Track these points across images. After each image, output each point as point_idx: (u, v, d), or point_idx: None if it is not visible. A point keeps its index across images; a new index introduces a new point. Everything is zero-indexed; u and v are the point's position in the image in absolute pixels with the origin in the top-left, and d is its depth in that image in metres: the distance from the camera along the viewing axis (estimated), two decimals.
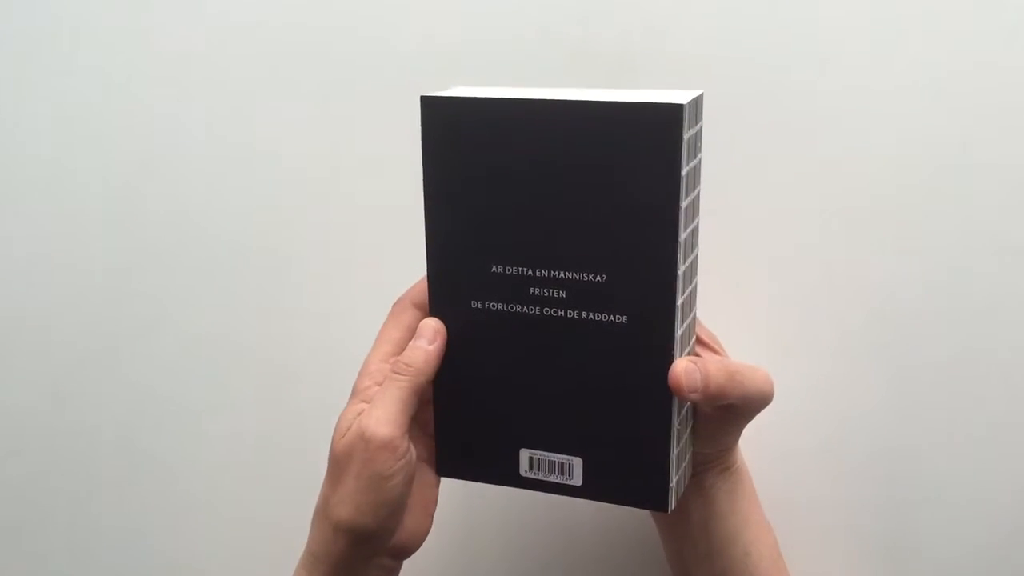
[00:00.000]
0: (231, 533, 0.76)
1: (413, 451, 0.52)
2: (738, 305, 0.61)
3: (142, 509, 0.77)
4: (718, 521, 0.56)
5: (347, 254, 0.68)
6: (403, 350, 0.53)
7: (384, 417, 0.50)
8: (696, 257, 0.50)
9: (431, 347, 0.52)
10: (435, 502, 0.55)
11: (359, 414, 0.51)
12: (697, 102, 0.47)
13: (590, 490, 0.52)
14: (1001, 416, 0.61)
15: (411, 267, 0.54)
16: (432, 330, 0.52)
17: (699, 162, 0.49)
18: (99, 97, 0.70)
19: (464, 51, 0.63)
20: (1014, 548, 0.62)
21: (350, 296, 0.68)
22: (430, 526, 0.54)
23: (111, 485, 0.77)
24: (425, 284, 0.53)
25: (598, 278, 0.48)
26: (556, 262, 0.49)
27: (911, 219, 0.59)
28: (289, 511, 0.60)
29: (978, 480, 0.62)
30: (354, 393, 0.53)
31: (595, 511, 0.56)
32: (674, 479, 0.51)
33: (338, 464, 0.51)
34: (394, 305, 0.55)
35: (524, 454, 0.52)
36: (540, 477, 0.52)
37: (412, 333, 0.53)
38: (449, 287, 0.51)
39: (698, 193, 0.49)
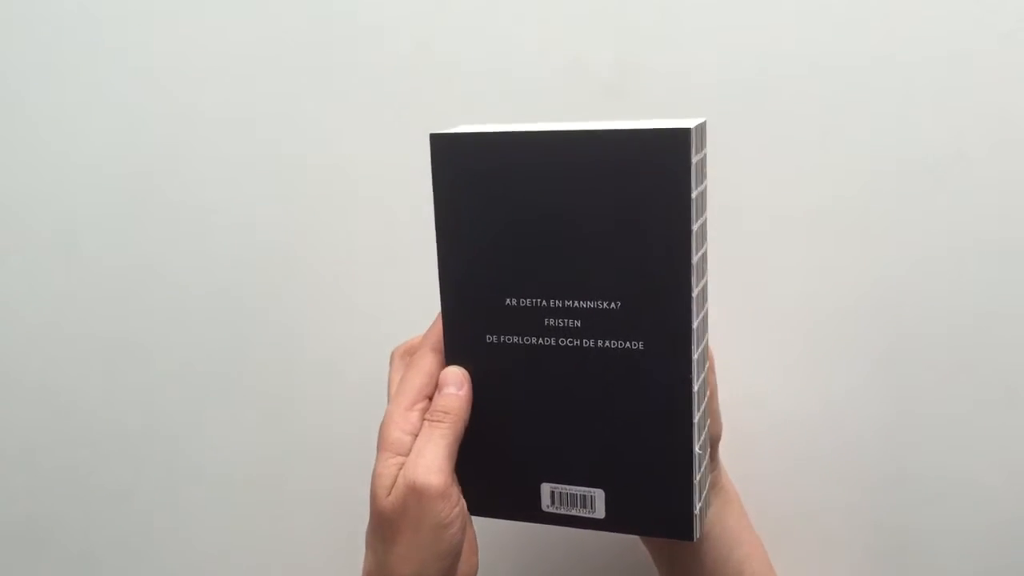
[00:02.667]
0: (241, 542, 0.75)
1: (462, 498, 0.50)
2: (737, 313, 0.62)
3: (147, 518, 0.77)
4: (709, 543, 0.57)
5: (366, 270, 0.69)
6: (426, 397, 0.51)
7: (432, 466, 0.48)
8: (707, 281, 0.51)
9: (461, 392, 0.51)
10: (476, 539, 0.53)
11: (400, 467, 0.49)
12: (701, 128, 0.48)
13: (613, 522, 0.51)
14: (1001, 417, 0.62)
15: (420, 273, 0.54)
16: (459, 377, 0.51)
17: (705, 188, 0.50)
18: (109, 103, 0.71)
19: (468, 86, 0.64)
20: (1013, 547, 0.63)
21: (361, 305, 0.69)
22: (477, 564, 0.53)
23: (114, 489, 0.76)
24: (438, 328, 0.53)
25: (613, 305, 0.49)
26: (570, 292, 0.49)
27: (911, 224, 0.60)
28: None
29: (976, 481, 0.62)
30: (384, 447, 0.50)
31: (588, 534, 0.55)
32: (697, 506, 0.50)
33: (390, 523, 0.49)
34: (415, 354, 0.53)
35: (546, 488, 0.52)
36: (562, 511, 0.52)
37: (433, 379, 0.52)
38: (464, 322, 0.51)
39: (706, 218, 0.50)
